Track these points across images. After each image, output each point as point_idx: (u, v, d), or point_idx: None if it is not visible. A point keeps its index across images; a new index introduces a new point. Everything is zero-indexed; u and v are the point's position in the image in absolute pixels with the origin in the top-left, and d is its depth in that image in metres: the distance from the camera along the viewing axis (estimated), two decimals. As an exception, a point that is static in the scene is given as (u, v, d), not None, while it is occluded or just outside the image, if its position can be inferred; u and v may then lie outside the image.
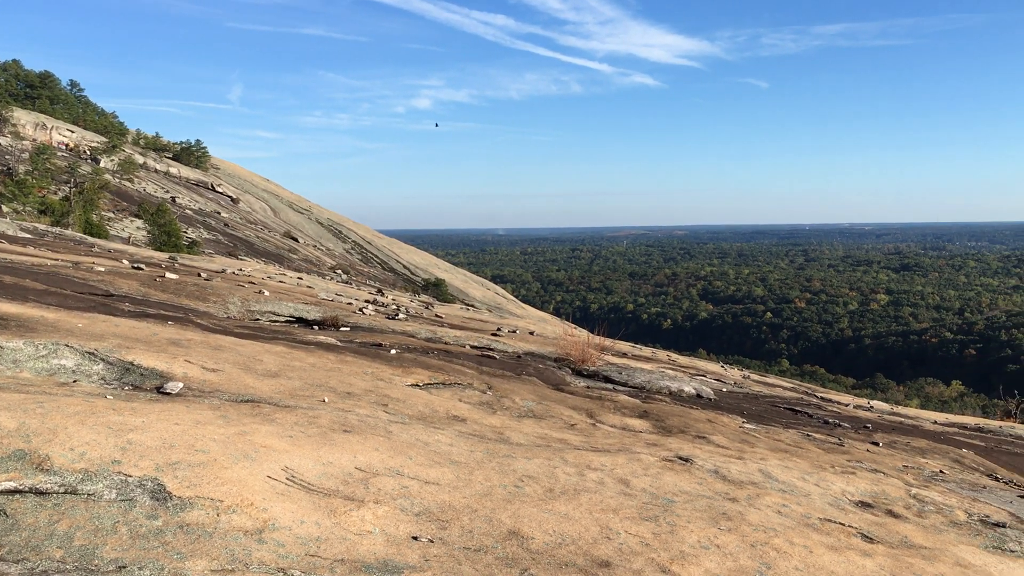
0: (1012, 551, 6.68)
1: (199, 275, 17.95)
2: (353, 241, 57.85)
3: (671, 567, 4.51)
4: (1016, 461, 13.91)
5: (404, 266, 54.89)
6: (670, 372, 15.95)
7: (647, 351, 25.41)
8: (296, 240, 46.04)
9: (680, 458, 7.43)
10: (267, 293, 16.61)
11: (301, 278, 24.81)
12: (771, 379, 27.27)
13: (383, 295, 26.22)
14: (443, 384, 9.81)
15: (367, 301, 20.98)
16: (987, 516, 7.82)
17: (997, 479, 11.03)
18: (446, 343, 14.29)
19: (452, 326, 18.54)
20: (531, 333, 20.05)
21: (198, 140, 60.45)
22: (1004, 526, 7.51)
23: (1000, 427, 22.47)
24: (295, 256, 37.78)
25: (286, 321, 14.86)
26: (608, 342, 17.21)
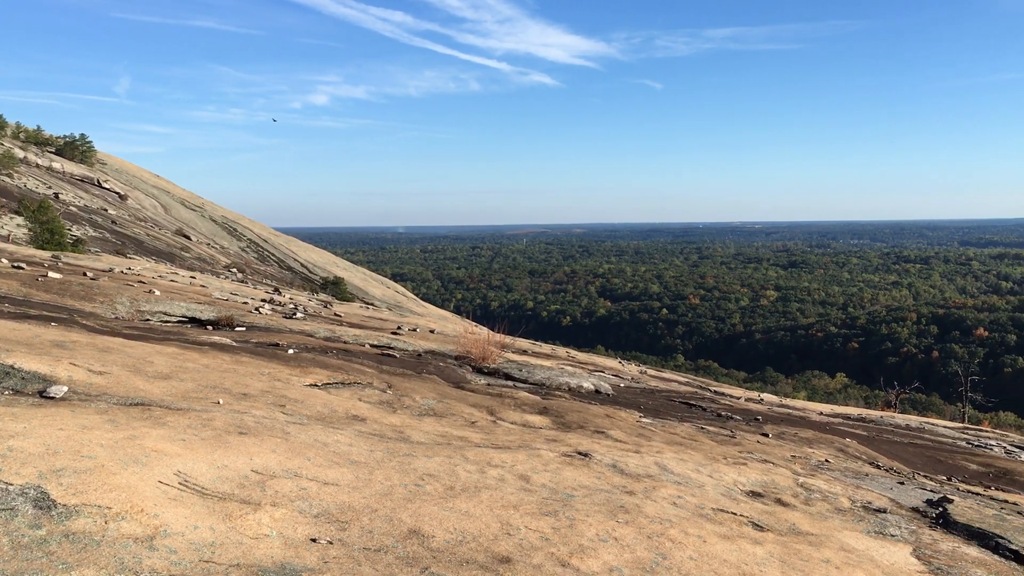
0: (892, 535, 7.02)
1: (85, 274, 17.23)
2: (249, 239, 56.47)
3: (570, 561, 4.57)
4: (896, 449, 14.63)
5: (302, 264, 53.90)
6: (569, 369, 16.15)
7: (547, 348, 25.66)
8: (189, 238, 44.66)
9: (579, 453, 7.54)
10: (158, 292, 16.08)
11: (194, 277, 24.10)
12: (667, 374, 27.92)
13: (280, 294, 25.71)
14: (342, 384, 9.69)
15: (264, 300, 20.54)
16: (869, 502, 8.19)
17: (878, 467, 11.57)
18: (345, 342, 14.12)
19: (351, 325, 18.33)
20: (432, 331, 19.99)
21: (83, 134, 57.56)
22: (885, 512, 7.88)
23: (881, 417, 23.57)
24: (188, 254, 36.65)
25: (178, 321, 14.42)
26: (508, 339, 17.31)
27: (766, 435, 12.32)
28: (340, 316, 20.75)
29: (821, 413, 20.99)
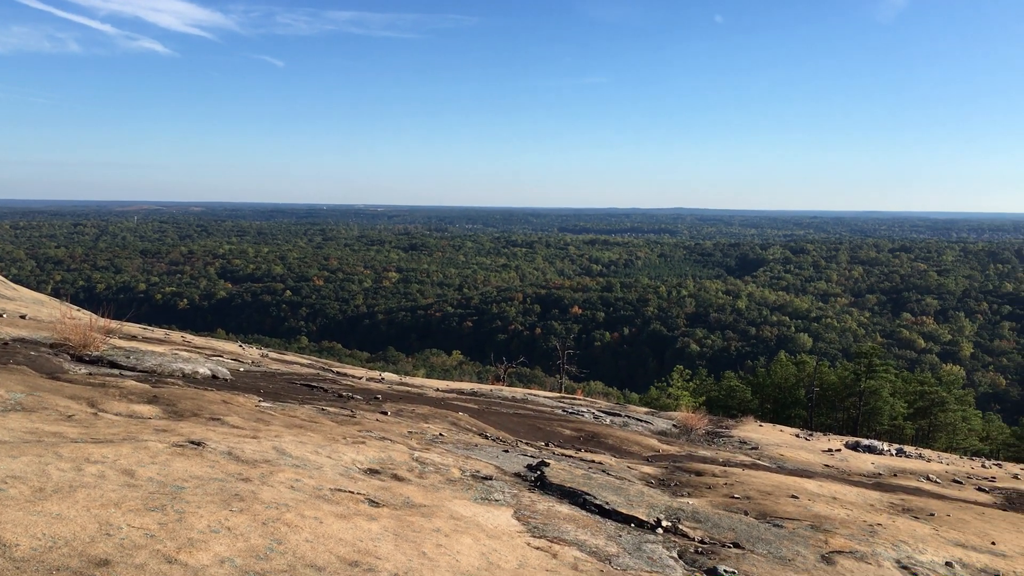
0: (497, 500, 7.58)
1: None
2: None
3: (178, 556, 4.34)
4: (503, 420, 15.80)
5: None
6: (184, 354, 15.31)
7: (160, 333, 24.14)
8: None
9: (192, 442, 7.18)
10: None
11: None
12: (290, 356, 27.58)
13: None
14: (-97, 379, 8.31)
15: None
16: (478, 471, 8.76)
17: (487, 437, 12.41)
18: (-92, 331, 12.13)
19: (-83, 310, 15.78)
20: (22, 317, 17.85)
21: None
22: (491, 479, 8.49)
23: (491, 390, 25.33)
24: None
25: None
26: (115, 324, 16.02)
27: (385, 413, 12.67)
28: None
29: (437, 389, 22.04)
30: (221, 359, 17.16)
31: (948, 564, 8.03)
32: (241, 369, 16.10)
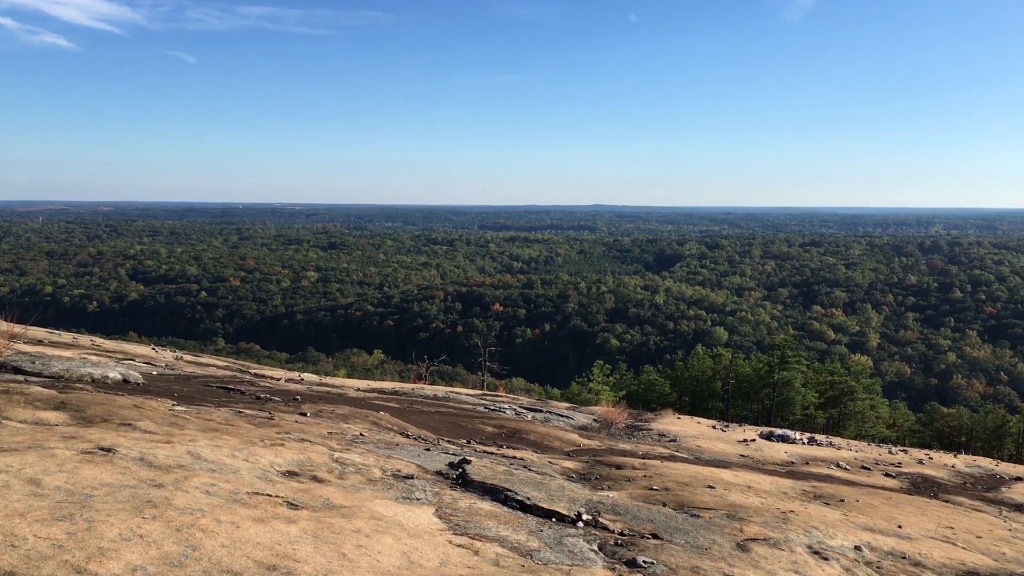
0: (418, 499, 7.55)
1: None
2: None
3: (88, 566, 4.22)
4: (425, 418, 15.75)
5: None
6: (93, 358, 14.86)
7: (68, 337, 23.37)
8: None
9: (102, 449, 6.97)
10: None
11: None
12: (206, 359, 26.99)
13: None
14: None
15: None
16: (399, 471, 8.72)
17: (408, 436, 12.36)
18: None
19: None
20: (-83, 322, 17.07)
21: None
22: (412, 478, 8.46)
23: (412, 389, 25.23)
24: None
25: None
26: (19, 328, 15.47)
27: (304, 414, 12.50)
28: None
29: (358, 389, 21.85)
30: (133, 363, 16.70)
31: (857, 548, 8.32)
32: (154, 373, 15.70)
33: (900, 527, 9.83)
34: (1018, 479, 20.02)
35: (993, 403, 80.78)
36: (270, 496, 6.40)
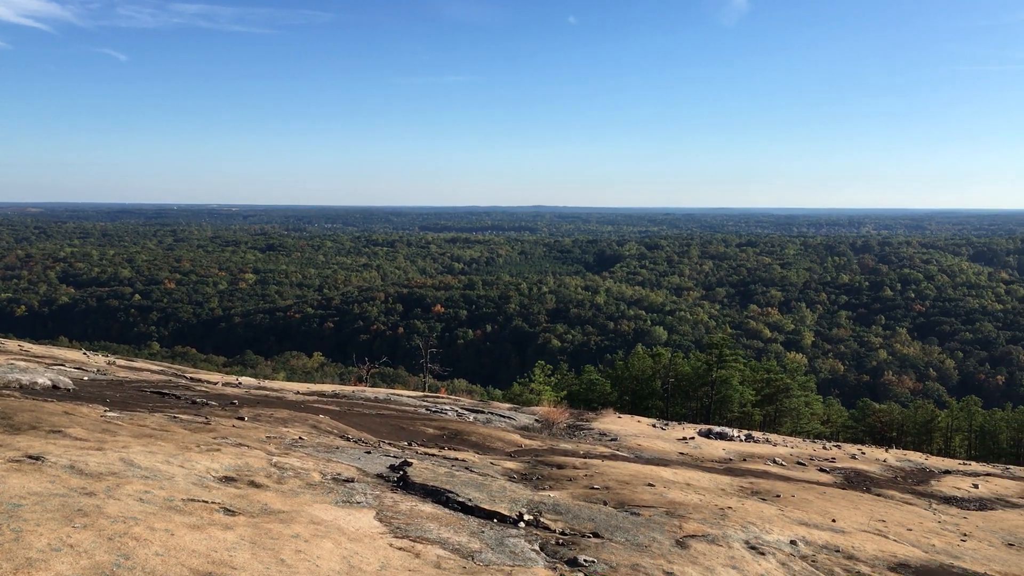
0: (358, 503, 7.49)
1: None
2: None
3: (15, 578, 4.09)
4: (365, 421, 15.63)
5: None
6: (21, 364, 14.43)
7: (-6, 342, 22.66)
8: None
9: (30, 457, 6.78)
10: None
11: None
12: (139, 363, 26.40)
13: None
14: None
15: None
16: (339, 474, 8.64)
17: (348, 439, 12.25)
18: None
19: None
20: None
21: None
22: (352, 481, 8.38)
23: (353, 392, 24.99)
24: None
25: None
26: (-59, 334, 14.92)
27: (242, 418, 12.31)
28: None
29: (298, 392, 21.58)
30: (63, 368, 16.26)
31: (793, 542, 8.49)
32: (85, 378, 15.30)
33: (834, 521, 10.06)
34: (947, 472, 20.64)
35: (923, 399, 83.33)
36: (206, 502, 6.28)
